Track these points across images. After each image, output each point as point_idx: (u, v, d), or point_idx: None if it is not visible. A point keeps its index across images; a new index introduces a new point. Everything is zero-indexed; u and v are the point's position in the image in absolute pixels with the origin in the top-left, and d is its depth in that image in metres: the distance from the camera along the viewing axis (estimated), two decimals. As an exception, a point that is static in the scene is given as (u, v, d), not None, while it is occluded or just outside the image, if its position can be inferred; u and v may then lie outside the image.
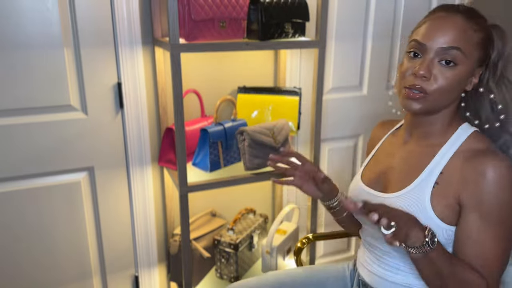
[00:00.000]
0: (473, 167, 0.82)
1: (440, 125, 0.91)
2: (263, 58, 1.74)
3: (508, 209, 0.81)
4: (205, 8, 1.35)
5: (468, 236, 0.83)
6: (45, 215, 1.53)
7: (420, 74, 0.83)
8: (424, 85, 0.84)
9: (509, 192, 0.80)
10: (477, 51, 0.85)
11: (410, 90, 0.85)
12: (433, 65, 0.83)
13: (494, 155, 0.83)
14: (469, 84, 0.88)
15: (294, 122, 1.67)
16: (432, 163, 0.89)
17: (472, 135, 0.89)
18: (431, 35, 0.84)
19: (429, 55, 0.84)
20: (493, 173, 0.80)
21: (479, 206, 0.81)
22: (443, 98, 0.85)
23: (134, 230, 1.69)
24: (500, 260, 0.82)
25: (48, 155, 1.49)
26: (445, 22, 0.83)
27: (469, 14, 0.85)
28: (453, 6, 0.86)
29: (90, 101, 1.50)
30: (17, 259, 1.53)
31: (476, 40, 0.84)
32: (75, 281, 1.64)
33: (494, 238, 0.81)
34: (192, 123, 1.57)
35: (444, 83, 0.83)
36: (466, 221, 0.83)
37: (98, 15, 1.44)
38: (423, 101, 0.85)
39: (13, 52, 1.37)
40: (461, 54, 0.82)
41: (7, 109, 1.41)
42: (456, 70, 0.83)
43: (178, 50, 1.26)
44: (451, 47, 0.82)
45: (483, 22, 0.86)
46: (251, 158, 1.48)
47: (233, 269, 1.68)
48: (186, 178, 1.37)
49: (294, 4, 1.43)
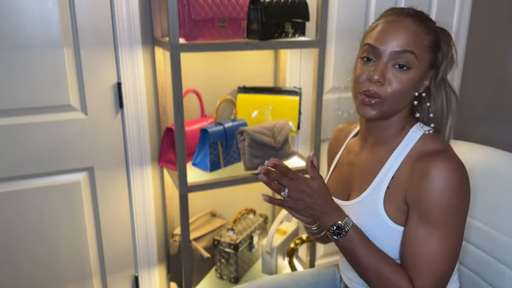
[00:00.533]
0: (419, 168, 0.82)
1: (393, 130, 0.91)
2: (263, 58, 1.74)
3: (451, 211, 0.80)
4: (205, 8, 1.35)
5: (406, 235, 0.84)
6: (45, 215, 1.53)
7: (374, 79, 0.83)
8: (379, 91, 0.83)
9: (452, 195, 0.79)
10: (428, 54, 0.85)
11: (366, 96, 0.85)
12: (387, 70, 0.83)
13: (441, 156, 0.82)
14: (422, 87, 0.88)
15: (294, 122, 1.67)
16: (384, 168, 0.90)
17: (424, 136, 0.89)
18: (384, 39, 0.84)
19: (382, 60, 0.84)
20: (436, 175, 0.79)
21: (419, 206, 0.81)
22: (398, 102, 0.86)
23: (134, 230, 1.69)
24: (435, 263, 0.80)
25: (48, 155, 1.49)
26: (397, 25, 0.84)
27: (419, 17, 0.85)
28: (403, 10, 0.87)
29: (90, 101, 1.50)
30: (17, 259, 1.53)
31: (427, 43, 0.84)
32: (75, 281, 1.64)
33: (431, 240, 0.80)
34: (192, 123, 1.57)
35: (398, 87, 0.83)
36: (408, 220, 0.84)
37: (98, 15, 1.44)
38: (379, 106, 0.85)
39: (13, 52, 1.37)
40: (414, 58, 0.82)
41: (7, 109, 1.41)
42: (409, 73, 0.83)
43: (178, 50, 1.26)
44: (404, 50, 0.82)
45: (432, 25, 0.87)
46: (251, 158, 1.48)
47: (233, 269, 1.68)
48: (186, 178, 1.37)
49: (294, 4, 1.43)
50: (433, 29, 0.86)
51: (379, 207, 0.87)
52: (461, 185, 0.81)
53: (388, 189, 0.87)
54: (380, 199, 0.88)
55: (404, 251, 0.84)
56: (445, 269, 0.81)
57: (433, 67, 0.88)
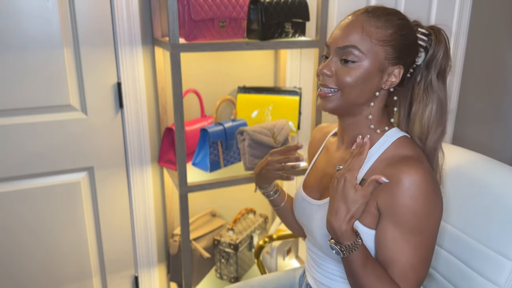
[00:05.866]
0: (390, 173, 0.81)
1: (365, 130, 0.91)
2: (263, 58, 1.74)
3: (423, 218, 0.80)
4: (205, 8, 1.35)
5: (383, 244, 0.82)
6: (45, 215, 1.53)
7: (322, 72, 0.87)
8: (327, 82, 0.87)
9: (424, 202, 0.79)
10: (383, 47, 0.84)
11: (320, 89, 0.89)
12: (335, 64, 0.86)
13: (413, 163, 0.81)
14: (385, 84, 0.87)
15: (294, 122, 1.67)
16: None
17: (399, 140, 0.88)
18: (333, 36, 0.88)
19: (331, 56, 0.87)
20: (408, 182, 0.79)
21: (393, 214, 0.81)
22: (352, 94, 0.86)
23: (134, 230, 1.69)
24: (416, 269, 0.80)
25: (48, 155, 1.49)
26: (347, 23, 0.86)
27: (374, 13, 0.86)
28: (363, 9, 0.88)
29: (90, 101, 1.50)
30: (17, 259, 1.53)
31: (380, 37, 0.84)
32: (75, 281, 1.64)
33: (410, 248, 0.80)
34: (192, 123, 1.57)
35: (347, 79, 0.84)
36: (382, 228, 0.83)
37: (98, 15, 1.44)
38: (334, 98, 0.87)
39: (13, 52, 1.37)
40: (358, 51, 0.83)
41: (7, 109, 1.41)
42: (356, 66, 0.84)
43: (178, 50, 1.26)
44: (346, 46, 0.84)
45: (392, 19, 0.85)
46: (251, 158, 1.48)
47: (233, 269, 1.68)
48: (186, 178, 1.37)
49: (294, 4, 1.43)
50: (392, 24, 0.85)
51: None
52: (434, 190, 0.81)
53: None
54: None
55: (383, 259, 0.83)
56: (425, 273, 0.83)
57: (399, 61, 0.86)
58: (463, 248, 0.97)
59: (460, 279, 0.97)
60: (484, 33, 2.01)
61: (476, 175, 0.98)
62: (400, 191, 0.79)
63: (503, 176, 0.93)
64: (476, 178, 0.98)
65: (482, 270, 0.92)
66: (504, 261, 0.87)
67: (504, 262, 0.87)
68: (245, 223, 1.76)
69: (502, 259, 0.88)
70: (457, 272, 0.98)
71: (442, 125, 0.88)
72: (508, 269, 0.87)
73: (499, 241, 0.89)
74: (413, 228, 0.80)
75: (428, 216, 0.80)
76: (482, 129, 2.21)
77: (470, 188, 0.98)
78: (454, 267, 0.99)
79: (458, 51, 1.83)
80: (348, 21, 0.86)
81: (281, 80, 1.76)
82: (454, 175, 1.02)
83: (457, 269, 0.98)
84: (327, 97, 0.88)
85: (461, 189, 1.00)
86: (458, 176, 1.01)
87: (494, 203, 0.91)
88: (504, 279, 0.87)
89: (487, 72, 2.11)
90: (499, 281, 0.88)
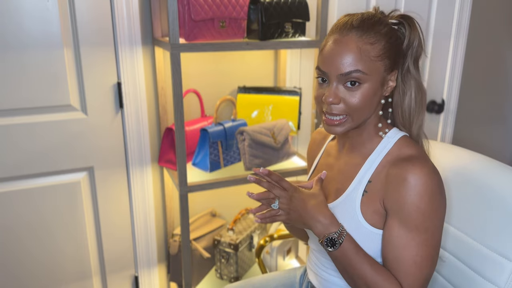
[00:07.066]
0: (396, 173, 0.83)
1: (368, 135, 0.92)
2: (263, 58, 1.74)
3: (429, 216, 0.81)
4: (205, 8, 1.34)
5: (388, 241, 0.84)
6: (45, 215, 1.53)
7: (328, 101, 0.84)
8: (337, 110, 0.85)
9: (431, 199, 0.80)
10: (381, 61, 0.84)
11: (328, 117, 0.87)
12: (338, 90, 0.85)
13: (418, 161, 0.82)
14: (387, 90, 0.88)
15: (294, 122, 1.67)
16: (360, 172, 0.90)
17: (400, 140, 0.89)
18: (329, 62, 0.84)
19: (332, 82, 0.85)
20: (414, 180, 0.80)
21: (399, 212, 0.82)
22: (362, 113, 0.86)
23: (134, 230, 1.69)
24: (420, 267, 0.81)
25: (48, 155, 1.49)
26: (340, 46, 0.83)
27: (363, 27, 0.84)
28: (346, 24, 0.86)
29: (90, 101, 1.50)
30: (17, 259, 1.53)
31: (376, 52, 0.83)
32: (75, 281, 1.64)
33: (414, 245, 0.81)
34: (192, 123, 1.57)
35: (355, 102, 0.84)
36: (388, 226, 0.84)
37: (98, 15, 1.44)
38: (343, 123, 0.86)
39: (13, 52, 1.37)
40: (362, 74, 0.82)
41: (7, 109, 1.41)
42: (362, 87, 0.83)
43: (178, 50, 1.26)
44: (350, 71, 0.82)
45: (380, 30, 0.85)
46: (251, 158, 1.48)
47: (233, 269, 1.68)
48: (186, 178, 1.37)
49: (294, 4, 1.43)
50: (382, 34, 0.84)
51: (356, 211, 0.88)
52: (439, 188, 0.82)
53: (366, 193, 0.88)
54: (357, 202, 0.88)
55: (387, 256, 0.84)
56: (429, 271, 0.83)
57: (394, 67, 0.87)
58: (463, 249, 0.97)
59: (460, 279, 0.97)
60: (484, 33, 2.01)
61: (476, 175, 0.98)
62: (406, 189, 0.80)
63: (503, 176, 0.93)
64: (476, 179, 0.97)
65: (482, 270, 0.92)
66: (504, 262, 0.87)
67: (504, 263, 0.87)
68: (245, 223, 1.76)
69: (502, 260, 0.88)
70: (457, 273, 0.98)
71: (423, 110, 0.90)
72: (508, 270, 0.87)
73: (499, 242, 0.89)
74: (419, 225, 0.80)
75: (433, 214, 0.81)
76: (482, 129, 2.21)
77: (470, 189, 0.98)
78: (454, 267, 0.99)
79: (458, 51, 1.82)
80: (341, 45, 0.83)
81: (281, 80, 1.76)
82: (454, 176, 1.02)
83: (457, 269, 0.98)
84: (335, 124, 0.86)
85: (461, 189, 1.00)
86: (458, 176, 1.01)
87: (494, 204, 0.91)
88: (504, 279, 0.87)
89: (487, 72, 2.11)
90: (499, 282, 0.88)
